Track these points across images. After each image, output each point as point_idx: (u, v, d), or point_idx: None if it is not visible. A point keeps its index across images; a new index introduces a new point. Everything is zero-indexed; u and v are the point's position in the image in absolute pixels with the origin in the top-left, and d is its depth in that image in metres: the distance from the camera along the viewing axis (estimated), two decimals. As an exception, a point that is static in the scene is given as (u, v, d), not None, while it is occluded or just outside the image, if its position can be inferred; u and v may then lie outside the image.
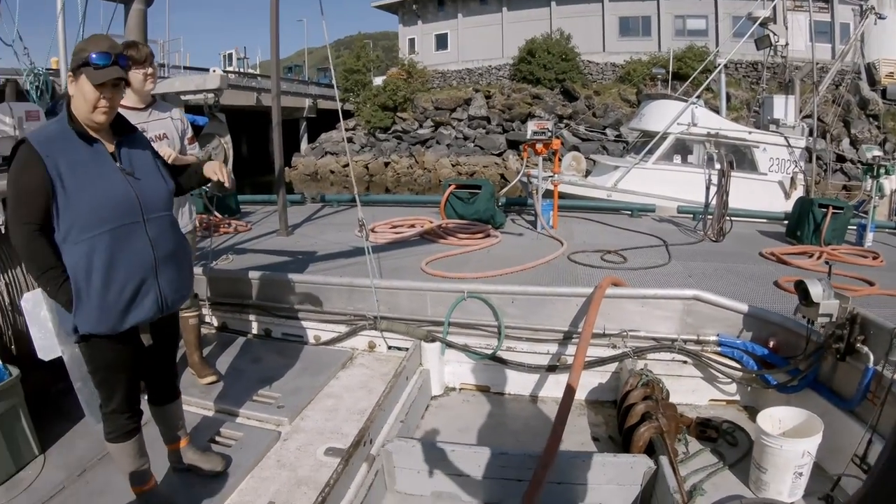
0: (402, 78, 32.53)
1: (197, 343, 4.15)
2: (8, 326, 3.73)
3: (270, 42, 6.59)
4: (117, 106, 2.39)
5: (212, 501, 2.86)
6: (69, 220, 2.26)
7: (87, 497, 2.97)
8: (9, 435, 3.17)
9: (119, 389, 2.55)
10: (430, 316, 4.38)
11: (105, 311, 2.33)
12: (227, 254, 5.88)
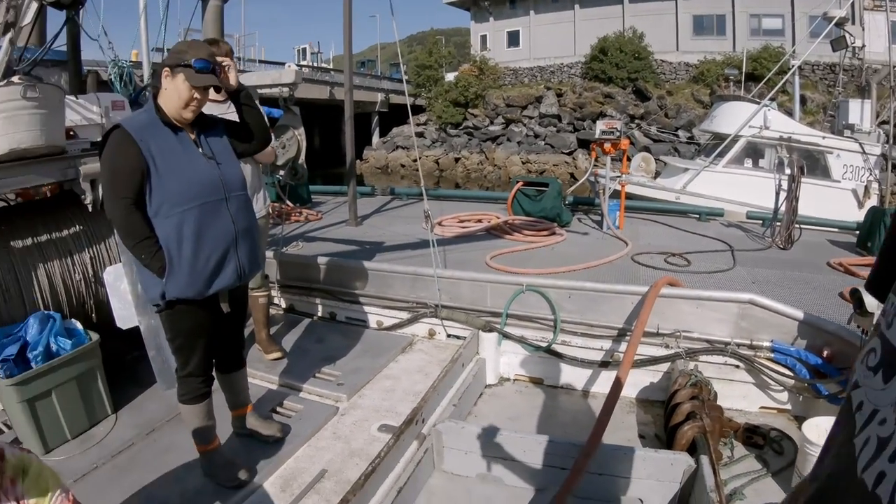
0: (474, 74, 32.40)
1: (265, 321, 4.38)
2: (90, 296, 4.05)
3: (343, 37, 6.80)
4: (203, 107, 2.66)
5: (269, 464, 3.07)
6: (161, 197, 2.51)
7: (154, 454, 3.23)
8: (86, 394, 3.49)
9: (196, 354, 2.79)
10: (490, 307, 4.49)
11: (194, 277, 2.57)
12: (297, 241, 6.14)
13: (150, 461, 3.16)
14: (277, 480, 3.00)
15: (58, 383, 3.32)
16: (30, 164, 3.55)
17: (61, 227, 4.02)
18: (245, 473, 2.91)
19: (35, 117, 3.42)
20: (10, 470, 1.70)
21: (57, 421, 3.35)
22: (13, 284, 3.64)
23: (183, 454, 3.12)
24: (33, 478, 1.74)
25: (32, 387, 3.21)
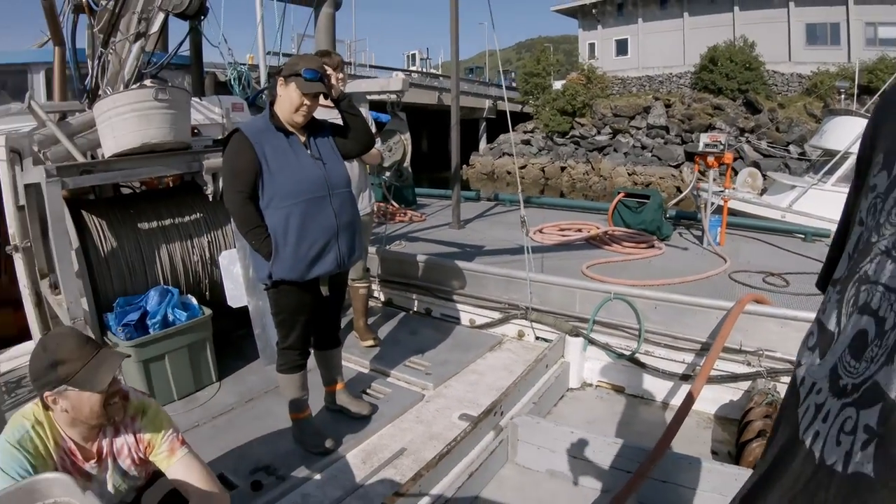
0: (582, 83, 31.93)
1: (363, 310, 4.73)
2: (206, 276, 4.55)
3: (451, 44, 7.04)
4: (313, 112, 3.02)
5: (354, 438, 3.37)
6: (271, 192, 2.91)
7: (251, 419, 3.64)
8: (195, 361, 3.99)
9: (296, 329, 3.16)
10: (578, 312, 4.59)
11: (296, 262, 2.94)
12: (400, 240, 6.46)
13: (246, 425, 3.56)
14: (360, 453, 3.27)
15: (171, 349, 3.81)
16: (159, 157, 4.03)
17: (183, 214, 4.53)
18: (331, 443, 3.23)
19: (165, 116, 3.87)
20: (131, 409, 2.04)
21: (167, 382, 3.84)
22: (138, 261, 4.18)
23: (276, 421, 3.49)
24: (151, 417, 2.07)
25: (148, 350, 3.71)
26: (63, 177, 3.64)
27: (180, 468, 2.08)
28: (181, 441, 2.13)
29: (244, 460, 3.19)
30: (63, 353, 1.84)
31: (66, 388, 1.82)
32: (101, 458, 2.05)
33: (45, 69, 6.42)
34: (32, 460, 1.84)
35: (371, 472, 3.09)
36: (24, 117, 4.83)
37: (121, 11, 4.07)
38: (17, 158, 4.32)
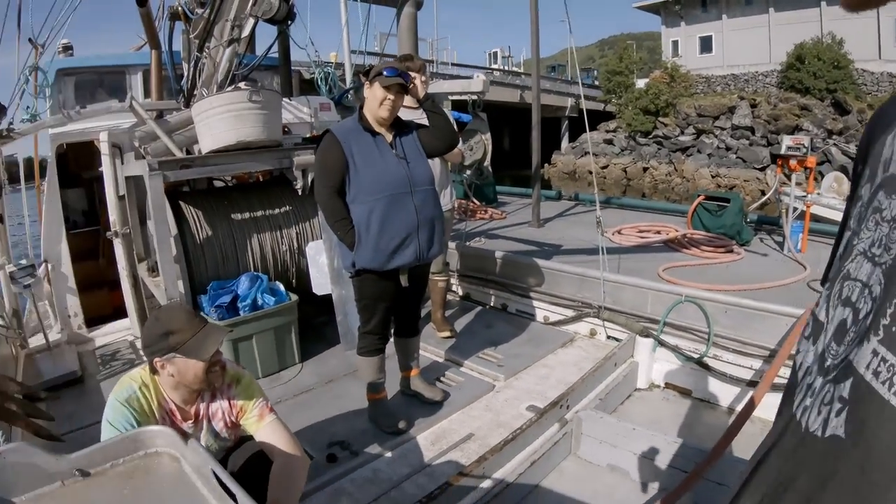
0: (665, 81, 30.98)
1: (441, 303, 4.95)
2: (293, 265, 4.89)
3: (531, 42, 7.11)
4: (398, 108, 3.26)
5: (425, 421, 3.60)
6: (357, 187, 3.18)
7: (330, 398, 3.94)
8: (280, 342, 4.34)
9: (376, 315, 3.43)
10: (649, 313, 4.64)
11: (377, 253, 3.19)
12: (480, 237, 6.63)
13: (325, 403, 3.86)
14: (430, 435, 3.49)
15: (259, 330, 4.17)
16: (252, 153, 4.38)
17: (274, 206, 4.88)
18: (403, 424, 3.47)
19: (258, 116, 4.21)
20: (227, 377, 2.31)
21: (253, 360, 4.18)
22: (231, 248, 4.57)
23: (353, 401, 3.77)
24: (244, 386, 2.34)
25: (238, 330, 4.04)
26: (164, 170, 4.01)
27: (267, 432, 2.34)
28: (269, 409, 2.40)
29: (321, 435, 3.48)
30: (174, 325, 2.12)
31: (174, 355, 2.11)
32: (198, 420, 2.34)
33: (142, 70, 6.88)
34: (137, 416, 2.14)
35: (438, 453, 3.29)
36: (123, 115, 5.25)
37: (215, 19, 4.45)
38: (118, 153, 4.77)
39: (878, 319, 0.63)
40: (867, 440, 0.62)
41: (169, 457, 1.46)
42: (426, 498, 2.83)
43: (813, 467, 0.71)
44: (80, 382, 4.53)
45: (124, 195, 4.86)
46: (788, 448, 0.78)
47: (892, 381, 0.58)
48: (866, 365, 0.63)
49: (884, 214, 0.70)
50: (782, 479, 0.77)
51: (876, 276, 0.68)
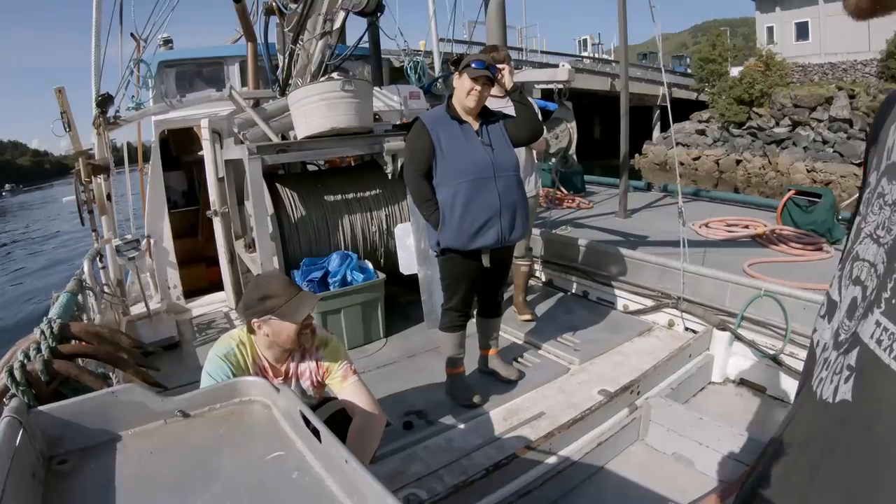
0: (760, 70, 29.16)
1: (523, 287, 5.12)
2: (382, 245, 5.19)
3: (618, 29, 7.10)
4: (485, 98, 3.47)
5: (499, 398, 3.80)
6: (443, 171, 3.42)
7: (411, 371, 4.22)
8: (367, 317, 4.66)
9: (458, 293, 3.66)
10: (727, 307, 4.61)
11: (460, 234, 3.41)
12: (566, 225, 6.76)
13: (406, 375, 4.14)
14: (502, 411, 3.67)
15: (347, 305, 4.50)
16: (345, 139, 4.69)
17: (365, 189, 5.19)
18: (478, 398, 3.69)
19: (351, 104, 4.50)
20: (317, 341, 2.57)
21: (340, 333, 4.50)
22: (323, 228, 4.91)
23: (433, 375, 4.03)
24: (331, 350, 2.59)
25: (328, 304, 4.40)
26: (263, 154, 4.37)
27: (350, 391, 2.62)
28: (353, 371, 2.67)
29: (400, 404, 3.75)
30: (272, 290, 2.42)
31: (270, 317, 2.41)
32: (287, 378, 2.64)
33: (238, 61, 7.45)
34: (234, 370, 2.44)
35: (509, 428, 3.47)
36: (221, 103, 5.70)
37: (307, 13, 4.77)
38: (217, 138, 5.17)
39: (880, 294, 0.69)
40: (871, 402, 0.68)
41: (261, 405, 1.68)
42: (493, 467, 3.01)
43: (824, 432, 0.77)
44: (177, 347, 5.01)
45: (223, 177, 5.29)
46: (804, 417, 0.86)
47: (892, 347, 0.64)
48: (870, 334, 0.69)
49: (886, 199, 0.76)
50: (798, 446, 0.85)
51: (880, 256, 0.74)
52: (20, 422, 1.44)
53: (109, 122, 5.54)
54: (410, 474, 3.05)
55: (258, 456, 1.44)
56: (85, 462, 1.50)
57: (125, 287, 6.15)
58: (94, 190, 5.46)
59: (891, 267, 0.69)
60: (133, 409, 1.61)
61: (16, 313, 15.24)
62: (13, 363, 2.05)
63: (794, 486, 0.82)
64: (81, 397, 1.66)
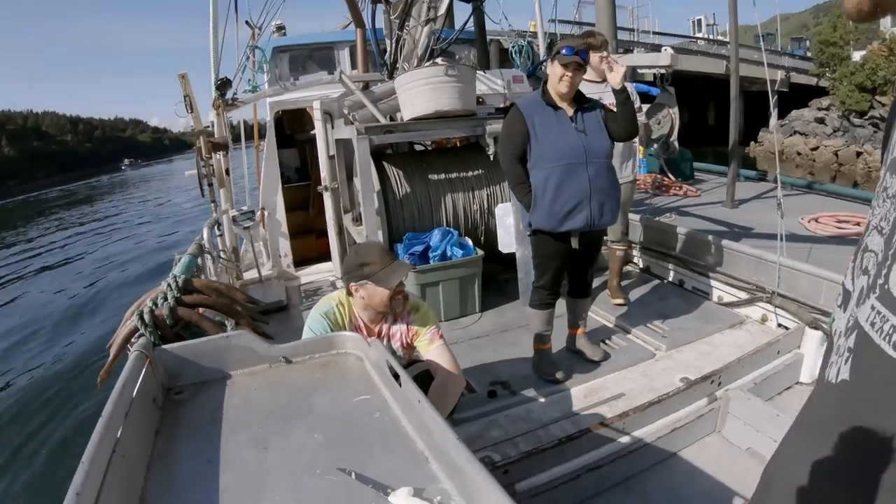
0: (883, 55, 26.50)
1: (618, 271, 5.24)
2: (482, 224, 5.44)
3: (729, 8, 6.81)
4: (577, 84, 3.58)
5: (582, 376, 3.96)
6: (536, 156, 3.60)
7: (501, 345, 4.46)
8: (464, 292, 4.92)
9: (548, 272, 3.84)
10: (821, 304, 4.50)
11: (550, 216, 3.59)
12: (670, 213, 6.72)
13: (496, 348, 4.39)
14: (583, 389, 3.85)
15: (445, 279, 4.78)
16: (448, 121, 4.92)
17: (468, 169, 5.45)
18: (561, 375, 3.88)
19: (454, 88, 4.75)
20: (408, 306, 2.88)
21: (438, 305, 4.80)
22: (426, 204, 5.21)
23: (522, 350, 4.24)
24: (421, 314, 2.88)
25: (427, 276, 4.71)
26: (370, 135, 4.70)
27: (435, 353, 2.90)
28: (440, 335, 2.99)
29: (488, 374, 4.01)
30: (369, 258, 2.74)
31: (366, 282, 2.72)
32: (380, 337, 2.93)
33: (348, 46, 7.86)
34: (332, 327, 2.77)
35: (588, 405, 3.64)
36: (331, 86, 6.13)
37: (412, 1, 5.05)
38: (329, 119, 5.55)
39: (876, 281, 0.74)
40: (865, 379, 0.74)
41: (355, 357, 1.97)
42: (566, 438, 3.22)
43: (830, 411, 0.83)
44: (285, 310, 5.46)
45: (334, 155, 5.69)
46: (815, 399, 0.93)
47: (882, 328, 0.69)
48: (866, 318, 0.74)
49: (889, 192, 0.79)
50: (807, 426, 0.93)
51: (881, 246, 0.77)
52: (147, 356, 1.80)
53: (228, 104, 6.05)
54: (489, 438, 3.28)
55: (347, 398, 1.71)
56: (198, 394, 1.84)
57: (239, 254, 6.71)
58: (214, 165, 5.96)
59: (886, 255, 0.73)
60: (243, 353, 1.92)
61: (141, 270, 16.80)
62: (143, 308, 2.41)
63: (806, 463, 0.87)
64: (199, 340, 2.01)
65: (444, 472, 1.34)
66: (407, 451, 1.46)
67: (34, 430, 7.61)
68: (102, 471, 1.24)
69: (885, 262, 0.73)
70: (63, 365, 9.89)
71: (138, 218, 31.46)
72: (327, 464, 1.41)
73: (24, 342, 11.46)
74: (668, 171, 8.47)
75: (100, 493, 1.18)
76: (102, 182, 71.19)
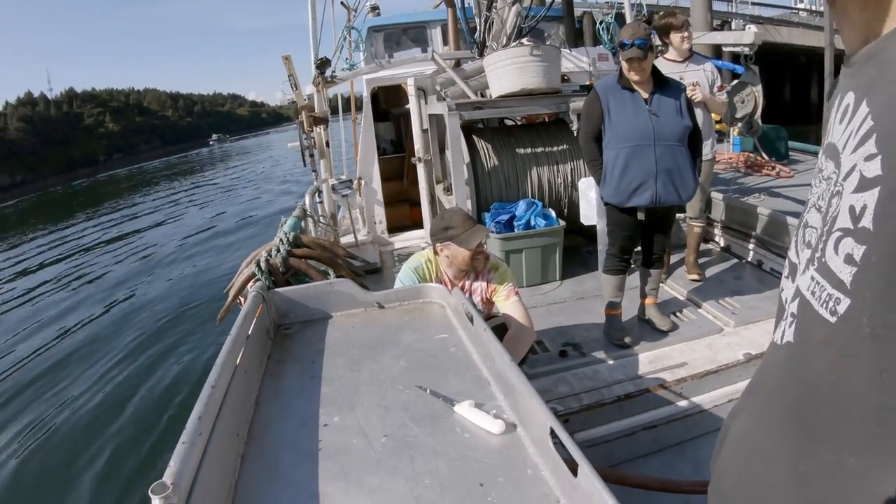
0: None
1: (695, 247, 5.36)
2: (565, 196, 5.71)
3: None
4: (646, 69, 3.76)
5: (649, 344, 4.19)
6: (610, 135, 3.88)
7: (577, 310, 4.75)
8: (545, 260, 5.23)
9: (617, 241, 4.13)
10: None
11: (617, 191, 3.87)
12: (760, 193, 6.75)
13: (571, 313, 4.70)
14: (648, 355, 4.08)
15: (528, 247, 5.11)
16: (533, 98, 5.21)
17: (553, 144, 5.73)
18: (629, 340, 4.15)
19: (539, 67, 5.01)
20: (489, 265, 3.36)
21: (520, 271, 5.13)
22: (513, 176, 5.53)
23: (596, 316, 4.51)
24: (500, 273, 3.29)
25: (511, 244, 5.05)
26: (461, 111, 5.05)
27: (510, 307, 3.26)
28: (516, 292, 3.35)
29: (560, 335, 4.33)
30: (452, 222, 3.14)
31: (449, 243, 3.12)
32: (462, 291, 3.20)
33: (440, 25, 8.27)
34: (420, 279, 3.19)
35: (650, 370, 3.89)
36: (424, 63, 6.48)
37: None
38: (422, 94, 5.92)
39: (814, 254, 0.79)
40: (806, 341, 0.79)
41: (438, 305, 2.32)
42: (624, 396, 3.50)
43: (775, 369, 0.88)
44: (378, 272, 5.89)
45: (427, 129, 6.06)
46: (764, 362, 0.98)
47: (821, 296, 0.74)
48: (807, 287, 0.79)
49: (824, 174, 0.83)
50: (756, 384, 0.98)
51: (819, 222, 0.81)
52: (263, 297, 2.18)
53: (327, 81, 6.52)
54: (555, 393, 3.60)
55: (429, 336, 2.07)
56: (303, 330, 2.24)
57: (337, 219, 7.20)
58: (315, 138, 6.47)
59: (822, 231, 0.78)
60: (343, 298, 2.31)
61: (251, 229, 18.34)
62: (259, 258, 2.84)
63: (754, 420, 0.94)
64: (306, 285, 2.39)
65: (500, 393, 1.67)
66: (474, 376, 1.79)
67: (166, 350, 9.35)
68: (228, 380, 1.62)
69: (821, 238, 0.78)
70: (185, 305, 11.48)
71: (244, 183, 33.63)
72: (408, 382, 1.76)
73: (154, 286, 13.52)
74: (761, 149, 8.38)
75: (225, 395, 1.55)
76: (202, 154, 75.08)
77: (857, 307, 0.67)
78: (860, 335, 0.67)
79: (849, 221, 0.70)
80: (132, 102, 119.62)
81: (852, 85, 0.78)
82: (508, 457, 1.40)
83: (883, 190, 0.64)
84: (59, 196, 47.18)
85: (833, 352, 0.71)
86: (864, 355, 0.67)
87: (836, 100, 0.83)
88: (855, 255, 0.68)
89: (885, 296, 0.64)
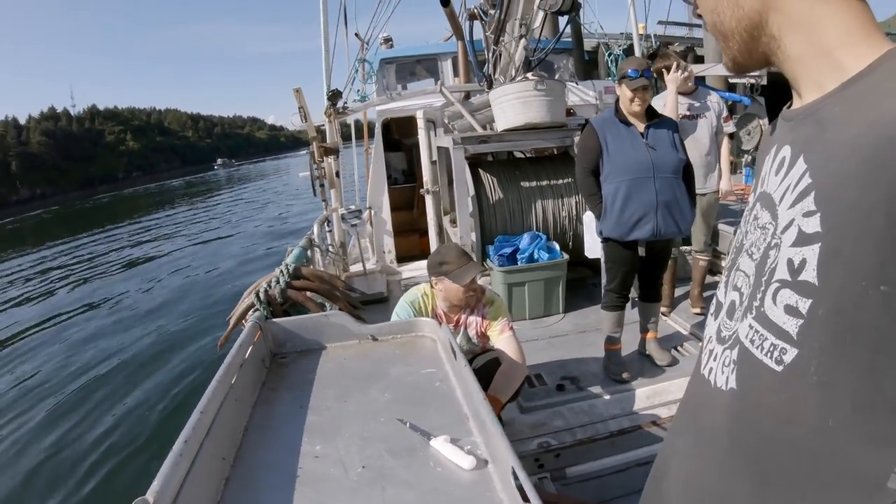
0: None
1: (700, 280, 5.37)
2: (570, 229, 5.79)
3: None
4: (646, 101, 3.88)
5: (648, 379, 4.22)
6: (608, 169, 3.94)
7: (578, 344, 4.79)
8: (548, 293, 5.28)
9: (617, 277, 4.18)
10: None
11: (619, 225, 3.92)
12: None
13: (572, 347, 4.74)
14: (647, 391, 4.12)
15: (531, 280, 5.17)
16: (538, 132, 5.34)
17: (558, 177, 5.82)
18: (627, 375, 4.18)
19: (543, 101, 5.15)
20: (484, 299, 3.48)
21: (523, 304, 5.22)
22: (518, 209, 5.62)
23: (596, 350, 4.53)
24: (495, 308, 3.41)
25: (514, 277, 5.12)
26: (465, 144, 5.20)
27: (504, 342, 3.35)
28: (510, 327, 3.44)
29: (560, 369, 4.38)
30: (448, 257, 3.24)
31: (444, 278, 3.22)
32: (458, 325, 3.43)
33: (450, 57, 8.45)
34: (415, 313, 3.30)
35: (648, 406, 3.93)
36: (436, 95, 6.63)
37: (505, 18, 5.48)
38: (431, 126, 6.04)
39: (752, 303, 0.83)
40: (751, 389, 0.83)
41: (430, 339, 2.42)
42: (618, 432, 3.56)
43: (718, 413, 0.90)
44: (384, 302, 5.96)
45: (436, 161, 6.17)
46: (696, 397, 1.01)
47: (762, 346, 0.78)
48: (745, 335, 0.83)
49: (759, 222, 0.87)
50: (690, 421, 1.03)
51: (752, 270, 0.86)
52: (260, 326, 2.29)
53: (338, 112, 6.69)
54: (550, 426, 3.66)
55: (418, 369, 2.17)
56: (298, 360, 2.35)
57: (347, 248, 7.34)
58: (325, 168, 6.60)
59: (758, 281, 0.82)
60: (338, 330, 2.41)
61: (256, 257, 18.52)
62: (259, 289, 2.95)
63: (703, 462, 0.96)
64: (303, 316, 2.51)
65: (476, 429, 1.75)
66: (455, 412, 1.87)
67: (168, 380, 9.35)
68: (217, 405, 1.71)
69: (758, 287, 0.82)
70: (188, 331, 11.71)
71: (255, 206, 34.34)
72: (391, 414, 1.84)
73: (159, 310, 13.72)
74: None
75: (214, 420, 1.64)
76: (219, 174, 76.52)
77: (804, 357, 0.72)
78: (808, 383, 0.71)
79: (787, 274, 0.75)
80: (153, 122, 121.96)
81: (790, 139, 0.83)
82: (476, 492, 1.48)
83: (824, 247, 0.69)
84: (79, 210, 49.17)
85: (781, 399, 0.76)
86: (811, 402, 0.72)
87: (773, 150, 0.87)
88: (799, 307, 0.72)
89: (831, 347, 0.69)
